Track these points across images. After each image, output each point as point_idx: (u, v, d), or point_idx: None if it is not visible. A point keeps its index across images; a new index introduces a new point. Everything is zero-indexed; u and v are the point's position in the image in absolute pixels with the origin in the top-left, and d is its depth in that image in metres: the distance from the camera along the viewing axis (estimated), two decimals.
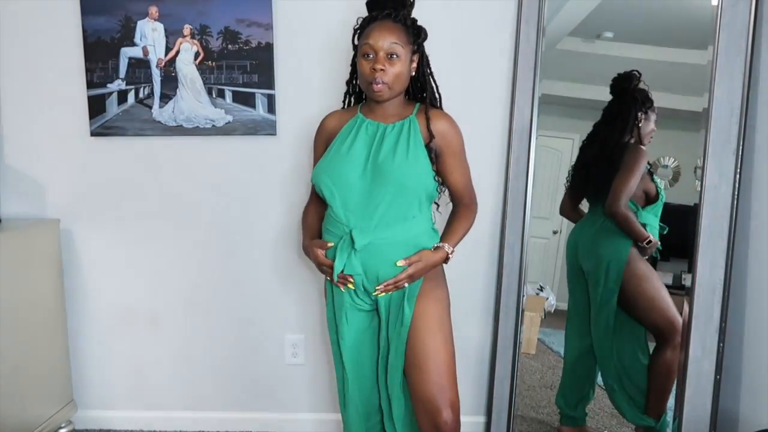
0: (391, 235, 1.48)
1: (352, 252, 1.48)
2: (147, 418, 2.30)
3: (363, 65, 1.47)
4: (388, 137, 1.50)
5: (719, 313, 1.84)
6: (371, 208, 1.48)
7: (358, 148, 1.51)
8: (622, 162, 2.01)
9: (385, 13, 1.48)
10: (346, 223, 1.50)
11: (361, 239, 1.46)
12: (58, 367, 2.17)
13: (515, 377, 2.09)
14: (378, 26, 1.46)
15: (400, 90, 1.51)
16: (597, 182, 2.07)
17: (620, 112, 2.02)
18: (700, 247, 1.85)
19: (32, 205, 2.19)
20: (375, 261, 1.49)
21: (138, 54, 2.07)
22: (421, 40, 1.53)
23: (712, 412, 1.86)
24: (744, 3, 1.79)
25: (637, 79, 1.99)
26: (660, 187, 2.02)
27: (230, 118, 2.09)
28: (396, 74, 1.45)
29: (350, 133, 1.54)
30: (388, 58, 1.44)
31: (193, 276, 2.22)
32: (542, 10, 1.98)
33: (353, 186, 1.49)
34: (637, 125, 2.01)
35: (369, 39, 1.46)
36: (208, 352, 2.27)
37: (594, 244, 2.09)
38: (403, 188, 1.47)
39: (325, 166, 1.54)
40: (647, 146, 2.03)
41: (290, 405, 2.28)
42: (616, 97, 2.03)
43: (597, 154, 2.06)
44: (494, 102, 2.08)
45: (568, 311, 2.20)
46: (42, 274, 2.08)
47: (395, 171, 1.46)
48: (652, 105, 2.00)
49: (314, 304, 2.22)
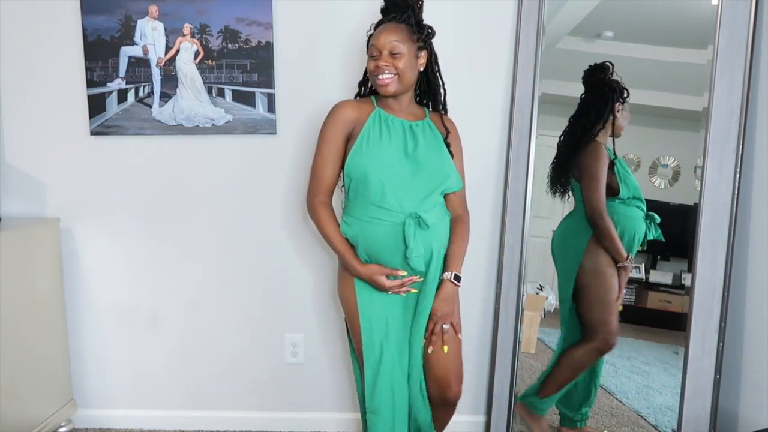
0: (433, 217, 1.60)
1: (417, 232, 1.55)
2: (146, 417, 2.30)
3: (370, 64, 1.59)
4: (418, 133, 1.62)
5: (719, 312, 1.84)
6: (417, 196, 1.57)
7: (395, 142, 1.59)
8: (583, 166, 2.00)
9: (391, 17, 1.60)
10: (400, 211, 1.55)
11: (429, 218, 1.56)
12: (58, 366, 2.17)
13: (515, 376, 2.09)
14: (383, 28, 1.58)
15: (408, 83, 1.60)
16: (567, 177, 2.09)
17: (595, 103, 2.01)
18: (700, 247, 1.85)
19: (32, 204, 2.19)
20: (429, 239, 1.58)
21: (138, 53, 2.07)
22: (426, 37, 1.62)
23: (711, 412, 1.86)
24: (744, 2, 1.79)
25: (610, 70, 1.99)
26: (622, 179, 2.00)
27: (230, 117, 2.10)
28: (400, 69, 1.55)
29: (380, 127, 1.59)
30: (391, 55, 1.54)
31: (192, 275, 2.22)
32: (542, 10, 1.98)
33: (399, 176, 1.56)
34: (614, 115, 2.00)
35: (374, 40, 1.58)
36: (208, 351, 2.27)
37: (561, 237, 2.09)
38: (444, 180, 1.61)
39: (369, 158, 1.56)
40: (619, 139, 2.02)
41: (290, 404, 2.28)
42: (590, 89, 2.03)
43: (566, 150, 2.06)
44: (494, 101, 2.08)
45: (560, 310, 2.20)
46: (42, 273, 2.08)
47: (438, 166, 1.60)
48: (628, 95, 2.00)
49: (314, 304, 2.23)
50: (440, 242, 1.62)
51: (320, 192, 1.64)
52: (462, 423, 2.24)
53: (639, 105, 2.11)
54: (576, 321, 2.09)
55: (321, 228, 1.63)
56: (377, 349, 1.61)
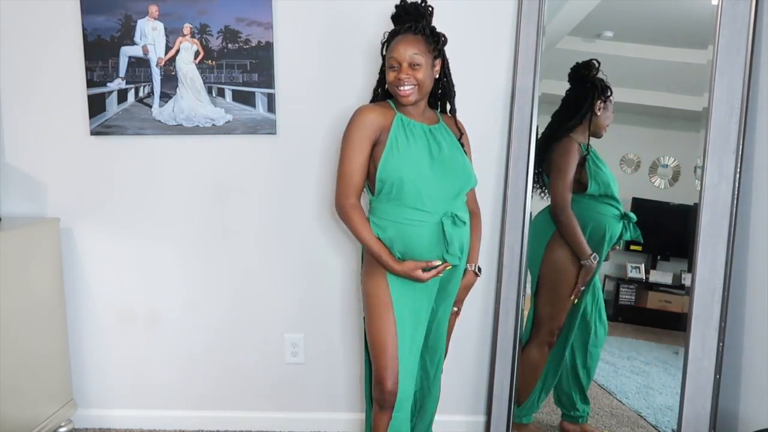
0: (466, 214, 1.71)
1: (454, 230, 1.64)
2: (146, 417, 2.30)
3: (390, 75, 1.63)
4: (438, 136, 1.68)
5: (719, 312, 1.84)
6: (449, 195, 1.65)
7: (421, 146, 1.64)
8: (551, 160, 2.01)
9: (407, 26, 1.62)
10: (435, 211, 1.62)
11: (464, 216, 1.67)
12: (57, 366, 2.17)
13: (515, 377, 2.09)
14: (401, 40, 1.61)
15: (426, 92, 1.67)
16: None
17: (575, 99, 2.02)
18: (700, 247, 1.85)
19: (32, 204, 2.19)
20: (462, 235, 1.68)
21: (138, 53, 2.07)
22: (441, 46, 1.66)
23: (711, 412, 1.86)
24: (744, 3, 1.79)
25: (596, 68, 2.00)
26: (592, 175, 2.00)
27: (230, 117, 2.10)
28: (420, 80, 1.61)
29: (404, 132, 1.64)
30: (411, 67, 1.60)
31: (192, 275, 2.23)
32: (542, 10, 1.98)
33: (431, 179, 1.62)
34: (595, 113, 2.01)
35: (394, 53, 1.61)
36: (208, 351, 2.27)
37: (531, 231, 2.07)
38: (469, 179, 1.70)
39: (402, 163, 1.61)
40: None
41: (290, 404, 2.28)
42: (573, 85, 2.04)
43: (542, 144, 2.06)
44: (494, 101, 2.08)
45: (529, 307, 2.22)
46: (42, 273, 2.08)
47: (462, 166, 1.68)
48: (611, 94, 2.00)
49: (314, 304, 2.23)
50: (468, 236, 1.73)
51: (351, 195, 1.65)
52: (462, 423, 2.24)
53: (639, 105, 2.11)
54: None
55: (355, 230, 1.65)
56: (408, 342, 1.65)
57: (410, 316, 1.66)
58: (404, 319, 1.65)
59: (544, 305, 2.10)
